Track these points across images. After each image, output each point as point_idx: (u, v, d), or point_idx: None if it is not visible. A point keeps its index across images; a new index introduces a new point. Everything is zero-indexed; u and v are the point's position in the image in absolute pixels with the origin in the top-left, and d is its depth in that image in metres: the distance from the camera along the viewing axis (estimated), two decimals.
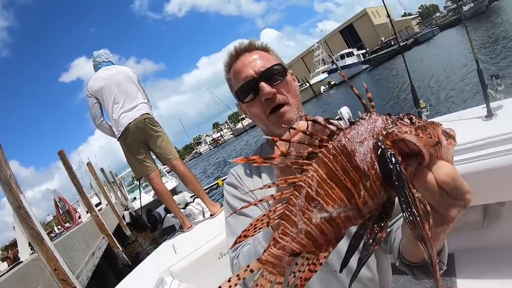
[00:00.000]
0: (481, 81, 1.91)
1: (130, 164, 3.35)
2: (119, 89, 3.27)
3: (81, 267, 6.06)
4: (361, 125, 0.46)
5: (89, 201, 8.94)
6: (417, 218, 0.39)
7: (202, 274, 2.11)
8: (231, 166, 8.56)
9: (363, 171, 0.43)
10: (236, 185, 1.15)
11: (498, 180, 1.51)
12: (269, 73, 1.04)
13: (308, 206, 0.45)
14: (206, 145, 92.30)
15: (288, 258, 0.46)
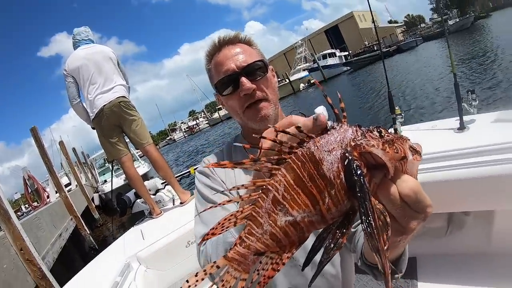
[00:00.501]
0: (457, 94, 1.98)
1: (103, 146, 3.28)
2: (97, 69, 3.18)
3: (47, 248, 5.94)
4: (331, 134, 0.47)
5: (59, 181, 8.70)
6: (374, 231, 0.41)
7: (169, 261, 2.10)
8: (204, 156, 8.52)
9: (329, 180, 0.45)
10: (208, 174, 1.14)
11: (465, 191, 1.58)
12: (250, 69, 1.04)
13: (274, 209, 0.46)
14: (181, 133, 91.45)
15: (253, 257, 0.48)
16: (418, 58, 29.23)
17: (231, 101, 1.08)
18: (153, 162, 3.34)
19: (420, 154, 0.51)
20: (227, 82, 1.05)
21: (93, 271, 1.96)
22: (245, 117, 1.07)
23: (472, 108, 1.97)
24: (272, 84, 1.10)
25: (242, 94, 1.03)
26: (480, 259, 1.85)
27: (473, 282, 1.73)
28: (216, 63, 1.09)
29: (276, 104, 1.10)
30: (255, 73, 1.05)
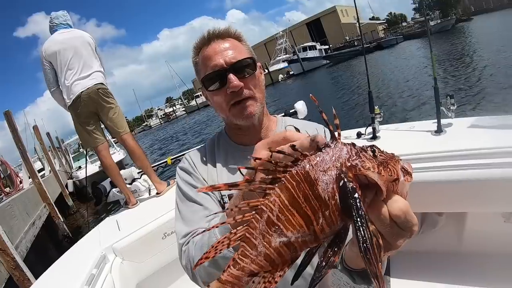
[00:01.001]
0: (436, 98, 2.03)
1: (79, 134, 3.20)
2: (75, 55, 3.08)
3: (20, 237, 5.79)
4: (326, 153, 0.47)
5: (32, 167, 8.44)
6: (372, 257, 0.41)
7: (145, 253, 2.08)
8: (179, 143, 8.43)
9: (324, 200, 0.45)
10: (190, 172, 1.13)
11: (439, 192, 1.63)
12: (239, 66, 1.01)
13: (269, 230, 0.46)
14: (157, 119, 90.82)
15: (247, 278, 0.48)
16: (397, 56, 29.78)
17: (217, 97, 1.05)
18: (129, 152, 3.29)
19: (411, 175, 0.52)
20: (214, 78, 1.03)
21: (68, 263, 1.92)
22: (230, 114, 1.05)
23: (450, 112, 2.02)
24: (259, 82, 1.09)
25: (229, 91, 1.01)
26: (451, 258, 1.92)
27: (444, 279, 1.80)
28: (204, 57, 1.06)
29: (262, 102, 1.09)
30: (244, 70, 1.03)
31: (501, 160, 1.47)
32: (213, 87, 1.04)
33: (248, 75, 1.03)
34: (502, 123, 1.79)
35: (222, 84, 1.02)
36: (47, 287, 1.67)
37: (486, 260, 1.82)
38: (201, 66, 1.07)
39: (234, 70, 1.00)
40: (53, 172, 12.18)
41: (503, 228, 1.81)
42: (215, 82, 1.03)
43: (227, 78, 0.99)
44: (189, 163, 1.16)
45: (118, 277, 1.81)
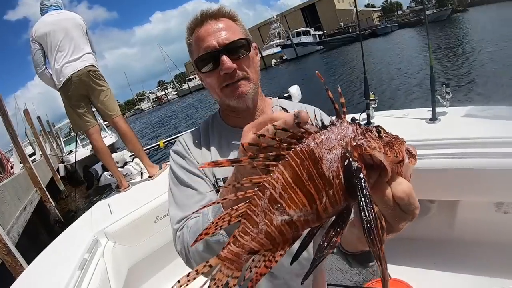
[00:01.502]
0: (432, 86, 2.03)
1: (70, 117, 3.16)
2: (66, 37, 3.02)
3: (12, 222, 5.74)
4: (332, 131, 0.46)
5: (23, 151, 8.33)
6: (376, 238, 0.41)
7: (137, 237, 2.08)
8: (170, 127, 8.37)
9: (328, 179, 0.44)
10: (183, 155, 1.11)
11: (432, 180, 1.64)
12: (232, 47, 0.99)
13: (271, 208, 0.45)
14: (149, 102, 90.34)
15: (247, 256, 0.47)
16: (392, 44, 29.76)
17: (210, 79, 1.03)
18: (121, 135, 3.25)
19: (415, 158, 0.51)
20: (207, 59, 1.00)
21: (60, 248, 1.91)
22: (222, 94, 1.03)
23: (445, 101, 2.03)
24: (254, 63, 1.06)
25: (222, 73, 0.98)
26: (442, 245, 1.95)
27: (434, 266, 1.83)
28: (197, 38, 1.03)
29: (256, 84, 1.06)
30: (237, 51, 1.00)
31: (495, 150, 1.49)
32: (206, 69, 1.02)
33: (242, 56, 1.00)
34: (497, 113, 1.79)
35: (215, 65, 0.99)
36: (40, 272, 1.66)
37: (476, 248, 1.85)
38: (194, 47, 1.05)
39: (227, 51, 0.98)
40: (44, 156, 12.06)
41: (494, 218, 1.83)
42: (208, 63, 1.00)
43: (220, 60, 0.97)
44: (182, 146, 1.14)
45: (111, 261, 1.81)
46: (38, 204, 8.02)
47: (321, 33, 62.41)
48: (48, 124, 22.14)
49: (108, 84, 3.24)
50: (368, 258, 0.84)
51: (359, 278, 1.97)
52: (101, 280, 1.61)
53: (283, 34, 64.46)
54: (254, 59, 1.07)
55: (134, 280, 2.16)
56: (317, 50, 52.46)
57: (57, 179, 11.83)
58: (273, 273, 1.07)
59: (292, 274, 1.08)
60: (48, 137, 18.15)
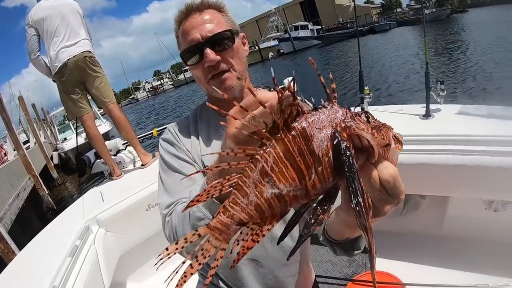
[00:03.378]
0: (427, 82, 2.04)
1: (64, 103, 3.13)
2: (62, 22, 3.00)
3: (5, 209, 5.73)
4: (322, 113, 0.47)
5: (17, 138, 8.28)
6: (362, 209, 0.42)
7: (129, 225, 2.09)
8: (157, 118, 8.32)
9: (317, 157, 0.45)
10: (173, 142, 1.12)
11: (423, 175, 1.66)
12: (216, 39, 1.00)
13: (262, 180, 0.46)
14: (144, 92, 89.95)
15: (236, 227, 0.48)
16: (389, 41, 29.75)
17: (196, 71, 1.05)
18: (115, 122, 3.24)
19: (401, 144, 0.53)
20: (192, 52, 1.02)
21: (51, 234, 1.91)
22: (209, 87, 1.05)
23: (439, 98, 2.04)
24: (239, 54, 1.07)
25: (205, 66, 1.00)
26: (431, 241, 1.97)
27: (423, 260, 1.86)
28: (182, 31, 1.05)
29: (243, 74, 1.07)
30: (221, 43, 1.01)
31: (487, 148, 1.50)
32: (191, 61, 1.03)
33: (226, 48, 1.02)
34: (490, 112, 1.81)
35: (199, 58, 1.01)
36: (31, 258, 1.66)
37: (465, 244, 1.87)
38: (181, 39, 1.07)
39: (210, 44, 0.99)
40: (38, 143, 11.98)
41: (484, 215, 1.85)
42: (193, 56, 1.02)
43: (203, 53, 0.99)
44: (172, 134, 1.15)
45: (102, 248, 1.81)
46: (31, 192, 8.00)
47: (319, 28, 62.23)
48: (42, 111, 21.97)
49: (103, 70, 3.22)
50: (353, 246, 0.85)
51: (348, 270, 1.98)
52: (91, 267, 1.62)
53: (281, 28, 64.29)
54: (239, 49, 1.07)
55: (125, 268, 2.17)
56: (315, 44, 52.34)
57: (50, 167, 11.78)
58: (259, 261, 1.08)
59: (278, 263, 1.09)
60: (42, 125, 18.03)
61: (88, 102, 3.20)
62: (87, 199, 2.35)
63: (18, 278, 1.48)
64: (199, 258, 0.49)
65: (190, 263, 0.48)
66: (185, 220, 0.84)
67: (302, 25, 56.66)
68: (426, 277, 1.68)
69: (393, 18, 64.83)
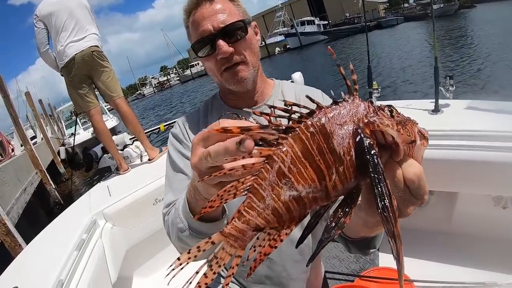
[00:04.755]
0: (436, 77, 2.01)
1: (72, 97, 3.14)
2: (70, 17, 3.00)
3: (12, 203, 5.74)
4: (343, 107, 0.44)
5: (24, 133, 8.32)
6: (390, 214, 0.39)
7: (135, 219, 2.09)
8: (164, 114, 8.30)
9: (339, 155, 0.42)
10: (180, 140, 1.10)
11: (432, 171, 1.63)
12: (228, 30, 0.96)
13: (279, 182, 0.43)
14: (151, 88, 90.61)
15: (252, 232, 0.45)
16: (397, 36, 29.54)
17: (208, 63, 1.02)
18: (122, 116, 3.25)
19: (427, 140, 0.49)
20: (204, 43, 0.99)
21: (58, 228, 1.92)
22: (222, 79, 1.02)
23: (448, 93, 2.01)
24: (252, 45, 1.04)
25: (218, 58, 0.97)
26: (439, 237, 1.95)
27: (431, 257, 1.84)
28: (193, 22, 1.00)
29: (255, 66, 1.05)
30: (234, 34, 0.97)
31: (496, 144, 1.48)
32: (203, 53, 1.00)
33: (239, 39, 0.98)
34: (500, 108, 1.78)
35: (211, 49, 0.98)
36: (38, 252, 1.67)
37: (473, 241, 1.85)
38: (191, 30, 1.03)
39: (223, 35, 0.96)
40: (45, 139, 12.04)
41: (492, 212, 1.83)
42: (205, 47, 0.99)
43: (216, 44, 0.95)
44: (180, 129, 1.13)
45: (108, 242, 1.82)
46: (38, 186, 8.03)
47: (325, 23, 62.14)
48: (49, 107, 22.11)
49: (111, 65, 3.23)
50: (368, 245, 0.83)
51: (356, 266, 1.98)
52: (98, 261, 1.62)
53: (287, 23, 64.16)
54: (252, 40, 1.04)
55: (132, 262, 2.18)
56: (321, 40, 52.31)
57: (57, 162, 11.84)
58: (272, 259, 1.07)
59: (292, 260, 1.08)
60: (49, 120, 18.12)
61: (96, 97, 3.21)
62: (94, 194, 2.36)
63: (25, 271, 1.49)
64: (214, 267, 0.46)
65: (204, 272, 0.46)
66: (173, 228, 0.85)
67: (308, 20, 56.56)
68: (434, 273, 1.67)
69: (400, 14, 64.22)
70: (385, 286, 1.66)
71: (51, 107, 22.38)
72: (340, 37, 46.78)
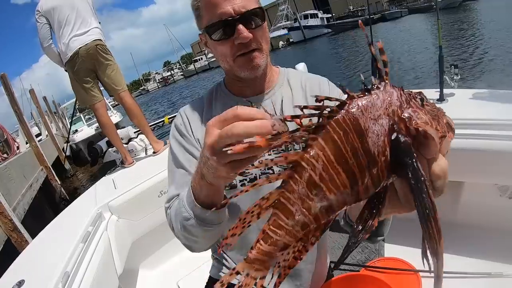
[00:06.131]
0: (440, 67, 1.99)
1: (76, 92, 3.16)
2: (72, 11, 3.01)
3: (17, 199, 5.77)
4: (376, 96, 0.38)
5: (29, 130, 8.37)
6: (434, 230, 0.36)
7: (141, 211, 2.10)
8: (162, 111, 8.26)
9: (373, 156, 0.37)
10: (183, 133, 1.08)
11: None
12: (248, 15, 0.93)
13: (309, 194, 0.38)
14: (155, 83, 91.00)
15: (279, 253, 0.42)
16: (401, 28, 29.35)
17: (222, 47, 0.98)
18: (127, 110, 3.26)
19: (454, 132, 0.46)
20: (221, 27, 0.94)
21: (65, 221, 1.93)
22: (235, 65, 0.99)
23: (453, 82, 2.00)
24: (266, 33, 1.02)
25: (237, 42, 0.94)
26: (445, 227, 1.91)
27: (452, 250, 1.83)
28: (208, 2, 0.95)
29: (267, 54, 1.03)
30: (253, 20, 0.95)
31: (502, 133, 1.47)
32: (219, 37, 0.96)
33: (257, 26, 0.96)
34: (504, 97, 1.77)
35: (229, 33, 0.94)
36: (44, 245, 1.69)
37: (479, 232, 1.83)
38: (204, 11, 0.97)
39: (243, 20, 0.93)
40: (50, 135, 12.10)
41: (498, 202, 1.81)
42: (222, 31, 0.95)
43: (236, 28, 0.92)
44: (183, 120, 1.11)
45: (114, 234, 1.83)
46: (44, 182, 8.08)
47: (329, 16, 61.88)
48: (54, 104, 22.18)
49: (114, 59, 3.24)
50: (376, 233, 0.82)
51: (361, 257, 1.97)
52: (104, 253, 1.63)
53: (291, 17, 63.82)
54: (266, 28, 1.03)
55: (138, 254, 2.19)
56: (325, 33, 52.16)
57: (62, 158, 11.90)
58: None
59: None
60: (54, 117, 18.20)
61: (100, 91, 3.22)
62: (99, 187, 2.37)
63: (32, 264, 1.50)
64: None
65: None
66: (176, 218, 0.86)
67: (312, 14, 56.40)
68: None
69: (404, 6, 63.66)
70: (391, 277, 1.65)
71: (55, 104, 22.44)
72: (343, 30, 46.58)
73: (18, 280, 1.29)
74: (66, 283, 1.29)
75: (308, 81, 1.13)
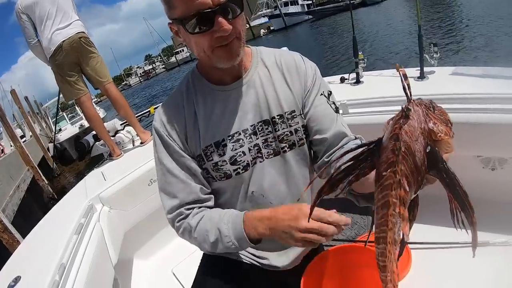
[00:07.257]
0: (420, 45, 2.03)
1: (60, 86, 3.11)
2: (53, 5, 2.95)
3: (6, 201, 5.76)
4: (412, 119, 0.48)
5: (12, 130, 8.26)
6: (470, 211, 0.47)
7: (132, 200, 2.11)
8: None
9: (418, 168, 0.48)
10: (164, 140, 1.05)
11: None
12: (227, 5, 0.85)
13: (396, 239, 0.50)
14: (137, 77, 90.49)
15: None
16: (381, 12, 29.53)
17: (201, 39, 0.90)
18: (113, 101, 3.23)
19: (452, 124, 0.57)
20: (199, 18, 0.85)
21: (57, 215, 1.93)
22: (214, 56, 0.92)
23: (433, 60, 2.03)
24: (244, 22, 0.97)
25: (217, 35, 0.87)
26: (430, 200, 1.97)
27: (423, 219, 1.85)
28: None
29: (244, 42, 0.98)
30: (233, 10, 0.88)
31: (481, 106, 1.51)
32: (197, 29, 0.88)
33: (236, 15, 0.89)
34: (483, 72, 1.81)
35: (208, 26, 0.86)
36: (38, 240, 1.68)
37: None
38: (178, 3, 0.86)
39: (222, 11, 0.85)
40: (34, 136, 11.91)
41: (482, 175, 1.85)
42: (199, 23, 0.86)
43: (215, 21, 0.85)
44: (162, 125, 1.06)
45: (107, 225, 1.83)
46: (31, 182, 8.05)
47: (309, 3, 61.66)
48: (36, 104, 21.75)
49: (98, 51, 3.20)
50: None
51: (351, 233, 2.02)
52: (98, 243, 1.64)
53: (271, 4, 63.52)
54: (243, 15, 0.96)
55: (131, 244, 2.21)
56: (306, 19, 52.23)
57: (48, 158, 11.77)
58: None
59: None
60: (36, 118, 17.87)
61: (85, 84, 3.18)
62: (89, 180, 2.37)
63: (27, 260, 1.50)
64: None
65: None
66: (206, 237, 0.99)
67: (292, 1, 56.17)
68: (426, 236, 1.70)
69: None
70: None
71: (37, 104, 22.01)
72: (324, 16, 46.70)
73: (14, 277, 1.29)
74: (63, 274, 1.30)
75: (282, 58, 1.10)
